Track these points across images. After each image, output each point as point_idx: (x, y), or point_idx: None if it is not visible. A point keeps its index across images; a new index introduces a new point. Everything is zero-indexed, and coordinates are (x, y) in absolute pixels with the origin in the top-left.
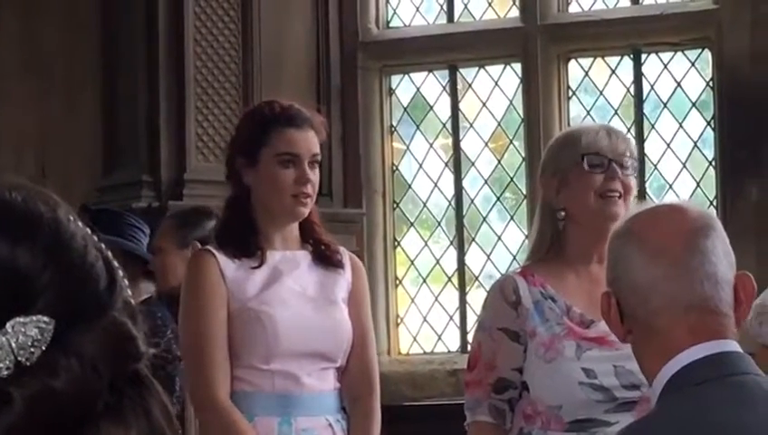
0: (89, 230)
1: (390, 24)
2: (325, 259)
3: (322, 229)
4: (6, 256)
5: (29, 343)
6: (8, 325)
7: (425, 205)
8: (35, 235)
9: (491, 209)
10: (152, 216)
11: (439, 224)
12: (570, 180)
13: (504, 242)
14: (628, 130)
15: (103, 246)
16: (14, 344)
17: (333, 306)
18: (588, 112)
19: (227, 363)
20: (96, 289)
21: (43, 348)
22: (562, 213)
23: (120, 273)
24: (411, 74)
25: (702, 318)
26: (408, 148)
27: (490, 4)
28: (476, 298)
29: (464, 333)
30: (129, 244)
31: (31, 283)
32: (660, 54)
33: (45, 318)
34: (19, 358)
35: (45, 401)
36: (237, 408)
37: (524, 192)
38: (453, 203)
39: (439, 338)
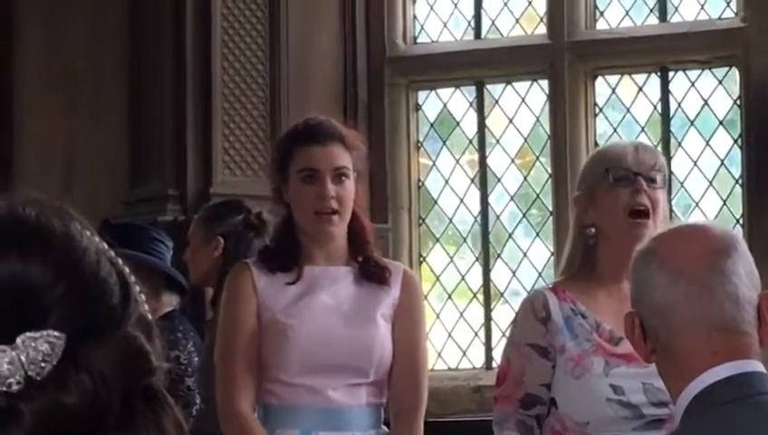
0: (105, 245)
1: (418, 40)
2: (370, 276)
3: (373, 247)
4: (18, 271)
5: (39, 358)
6: (19, 340)
7: (450, 221)
8: (47, 250)
9: (517, 226)
10: (178, 229)
11: (465, 240)
12: (597, 196)
13: (530, 258)
14: (655, 148)
15: (120, 260)
16: (24, 359)
17: (368, 322)
18: (614, 130)
19: (252, 376)
20: (108, 304)
21: (54, 363)
22: (592, 230)
23: (137, 288)
24: (438, 90)
25: (724, 339)
26: (434, 163)
27: (518, 21)
28: (501, 314)
29: (488, 349)
30: (149, 257)
31: (42, 298)
32: (687, 72)
33: (56, 333)
34: (29, 373)
35: (55, 417)
36: (264, 421)
37: (550, 209)
38: (479, 219)
39: (464, 354)
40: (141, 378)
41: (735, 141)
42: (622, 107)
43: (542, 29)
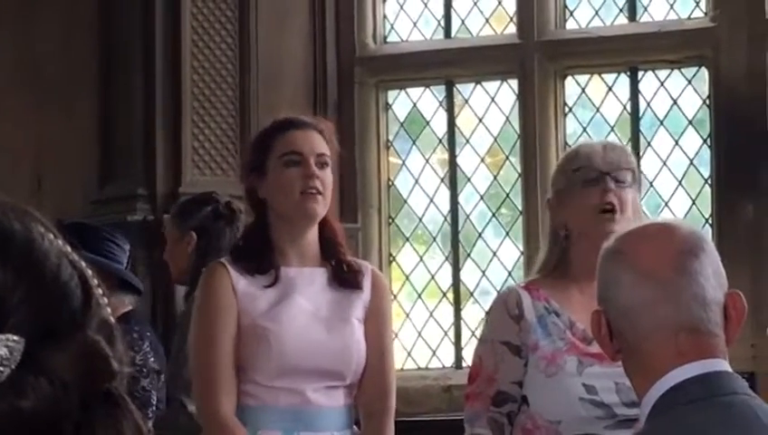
0: (68, 247)
1: (387, 40)
2: (343, 280)
3: (346, 249)
4: None
5: None
6: None
7: (420, 220)
8: (7, 253)
9: (486, 225)
10: (148, 229)
11: (435, 239)
12: (567, 197)
13: (500, 258)
14: (624, 147)
15: (83, 263)
16: None
17: (345, 325)
18: (584, 129)
19: (233, 378)
20: (69, 307)
21: (12, 367)
22: (564, 231)
23: (99, 290)
24: (408, 90)
25: (690, 339)
26: (403, 163)
27: (487, 21)
28: (471, 314)
29: (458, 348)
30: (100, 259)
31: (1, 301)
32: (657, 72)
33: (15, 337)
34: None
35: (12, 422)
36: (243, 422)
37: (520, 208)
38: (448, 219)
39: (434, 354)
40: (101, 382)
41: (705, 141)
42: (592, 106)
43: (512, 29)
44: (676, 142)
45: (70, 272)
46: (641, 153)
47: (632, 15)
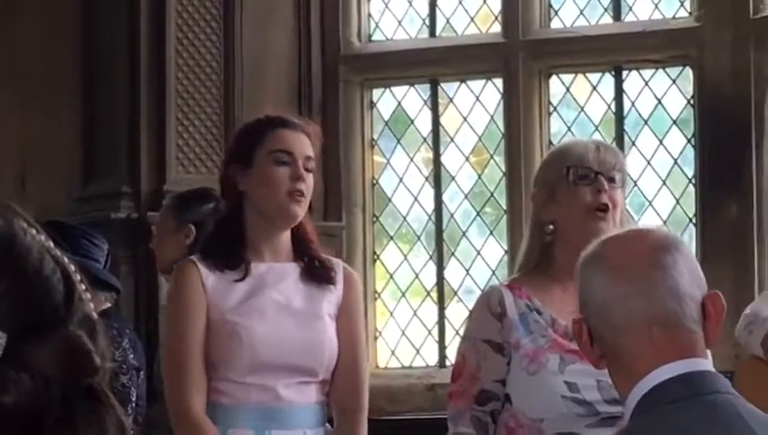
0: (51, 243)
1: (372, 38)
2: (315, 276)
3: (318, 246)
4: None
5: None
6: None
7: (405, 219)
8: None
9: (471, 224)
10: (131, 227)
11: (419, 238)
12: (557, 194)
13: (484, 257)
14: (615, 147)
15: (66, 259)
16: None
17: (317, 321)
18: (568, 128)
19: (203, 375)
20: (51, 302)
21: None
22: (550, 227)
23: (82, 286)
24: (392, 88)
25: (665, 333)
26: (388, 161)
27: (472, 19)
28: (455, 313)
29: (442, 347)
30: (77, 259)
31: None
32: (641, 71)
33: None
34: None
35: None
36: (214, 420)
37: (504, 207)
38: (433, 217)
39: (417, 352)
40: (83, 377)
41: (689, 141)
42: (576, 106)
43: (497, 28)
44: (661, 142)
45: (52, 267)
46: (625, 153)
47: (617, 15)
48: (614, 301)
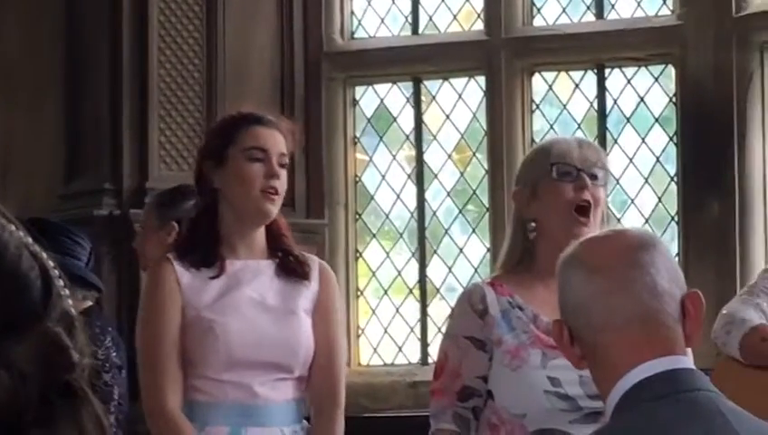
0: (29, 239)
1: (355, 35)
2: (290, 271)
3: (291, 240)
4: None
5: None
6: None
7: (387, 216)
8: None
9: (453, 222)
10: (114, 224)
11: (401, 236)
12: (539, 191)
13: (466, 255)
14: (598, 145)
15: (45, 255)
16: None
17: (292, 317)
18: (551, 126)
19: (179, 373)
20: (29, 299)
21: None
22: (533, 224)
23: (60, 282)
24: (375, 86)
25: (645, 331)
26: (371, 159)
27: (455, 17)
28: (437, 310)
29: (424, 345)
30: (54, 255)
31: None
32: (624, 69)
33: None
34: None
35: None
36: (191, 418)
37: (487, 205)
38: (415, 215)
39: (400, 350)
40: (61, 374)
41: (671, 139)
42: (559, 104)
43: (480, 25)
44: (643, 140)
45: (30, 263)
46: (608, 150)
47: (599, 13)
48: (593, 300)
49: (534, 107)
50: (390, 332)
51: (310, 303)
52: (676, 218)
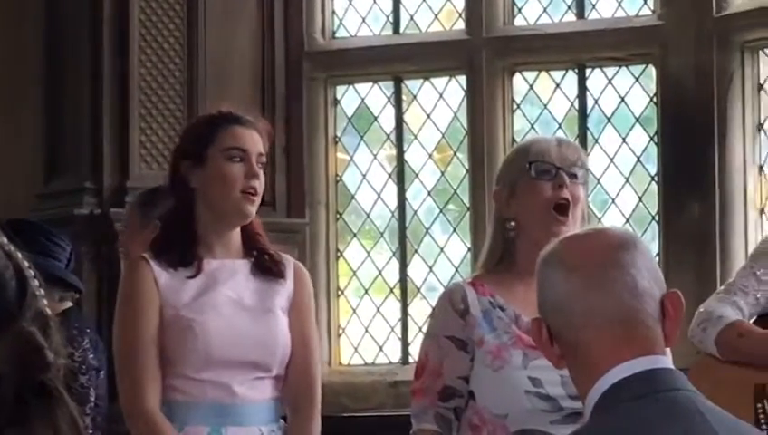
0: (4, 238)
1: (336, 35)
2: (266, 270)
3: (266, 240)
4: None
5: None
6: None
7: (368, 216)
8: None
9: (434, 221)
10: (94, 223)
11: (382, 235)
12: (518, 190)
13: (447, 254)
14: (577, 144)
15: (20, 254)
16: None
17: (269, 316)
18: (532, 126)
19: (158, 372)
20: (3, 298)
21: None
22: (512, 223)
23: (36, 282)
24: (356, 85)
25: (625, 331)
26: (351, 158)
27: (436, 16)
28: (418, 310)
29: (405, 344)
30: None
31: None
32: (605, 69)
33: None
34: None
35: None
36: (170, 418)
37: (467, 204)
38: (396, 214)
39: (380, 349)
40: (36, 374)
41: (652, 138)
42: (540, 103)
43: (461, 25)
44: (624, 140)
45: (4, 263)
46: (589, 150)
47: (580, 13)
48: (573, 300)
49: (515, 107)
50: (371, 331)
51: (286, 301)
52: (656, 218)
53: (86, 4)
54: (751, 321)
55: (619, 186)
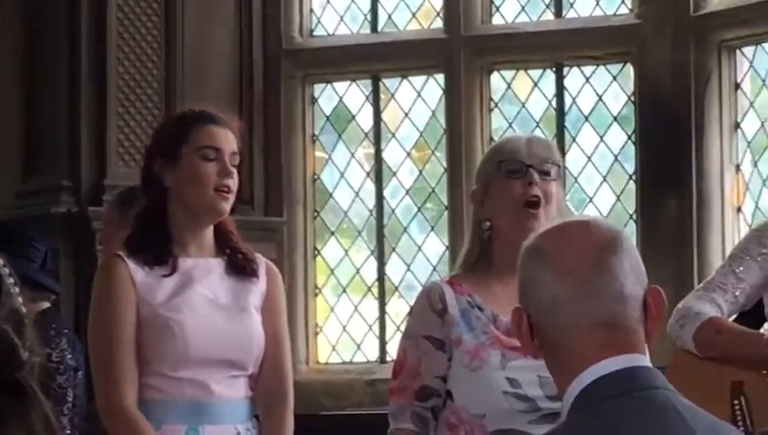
0: None
1: (314, 33)
2: (239, 268)
3: (239, 238)
4: None
5: None
6: None
7: (346, 214)
8: None
9: (412, 220)
10: (72, 221)
11: (360, 234)
12: (491, 189)
13: (425, 253)
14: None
15: None
16: None
17: (244, 314)
18: (510, 124)
19: (135, 370)
20: None
21: None
22: (488, 223)
23: (10, 280)
24: (334, 83)
25: (610, 334)
26: (329, 157)
27: (414, 15)
28: (396, 308)
29: (383, 343)
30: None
31: None
32: (582, 68)
33: None
34: None
35: None
36: (147, 416)
37: (445, 203)
38: (374, 213)
39: (358, 348)
40: (9, 372)
41: (629, 137)
42: (517, 102)
43: (439, 23)
44: (601, 138)
45: None
46: (566, 149)
47: (558, 12)
48: (560, 303)
49: (493, 105)
50: (349, 330)
51: (259, 300)
52: (634, 217)
53: (64, 4)
54: (731, 319)
55: (596, 185)
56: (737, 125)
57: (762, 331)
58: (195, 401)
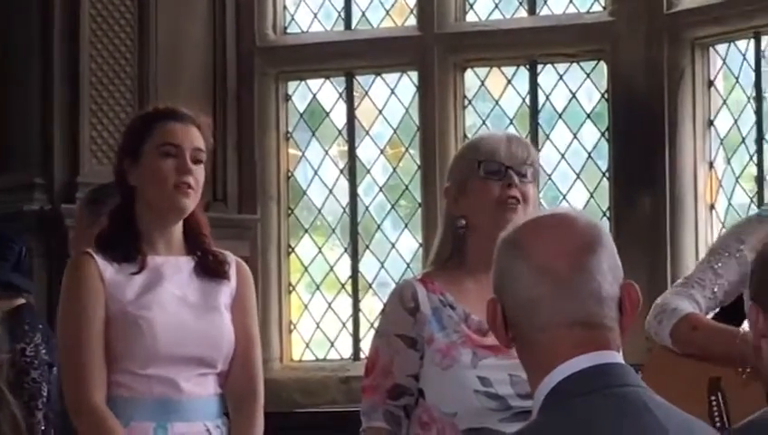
0: None
1: (288, 30)
2: (210, 271)
3: (210, 240)
4: None
5: None
6: None
7: (319, 212)
8: None
9: (385, 217)
10: (45, 219)
11: (333, 231)
12: (468, 188)
13: (398, 250)
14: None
15: None
16: None
17: (214, 312)
18: (483, 122)
19: (104, 368)
20: None
21: None
22: (462, 221)
23: None
24: (308, 81)
25: (585, 333)
26: (303, 154)
27: (388, 13)
28: (370, 306)
29: (356, 340)
30: None
31: None
32: (556, 65)
33: None
34: None
35: None
36: (115, 413)
37: (419, 200)
38: (347, 210)
39: (332, 345)
40: None
41: (603, 134)
42: (491, 99)
43: (412, 21)
44: (575, 135)
45: None
46: (540, 146)
47: (532, 9)
48: (537, 302)
49: (467, 102)
50: (323, 327)
51: (229, 298)
52: (607, 214)
53: (36, 1)
54: (710, 315)
55: (570, 182)
56: (710, 122)
57: (741, 328)
58: (163, 398)
